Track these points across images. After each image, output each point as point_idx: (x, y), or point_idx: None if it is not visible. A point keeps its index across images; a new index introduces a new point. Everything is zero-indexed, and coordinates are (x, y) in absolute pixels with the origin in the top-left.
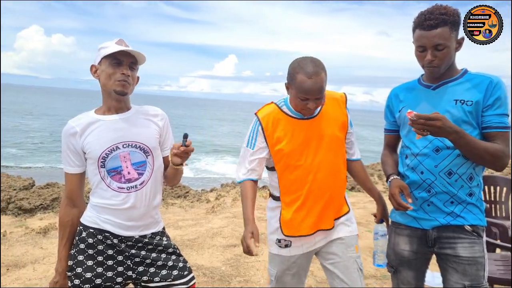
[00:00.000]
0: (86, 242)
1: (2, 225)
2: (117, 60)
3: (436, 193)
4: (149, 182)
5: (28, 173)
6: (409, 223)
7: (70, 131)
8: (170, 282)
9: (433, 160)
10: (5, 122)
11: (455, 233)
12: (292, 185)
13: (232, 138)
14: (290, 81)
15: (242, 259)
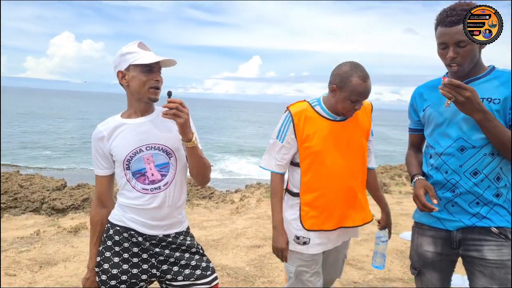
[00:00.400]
0: (113, 240)
1: (37, 224)
2: (149, 67)
3: (460, 194)
4: (173, 183)
5: (61, 174)
6: (432, 224)
7: (98, 135)
8: (193, 281)
9: (458, 159)
10: (38, 125)
11: (481, 235)
12: (315, 183)
13: (256, 139)
14: (341, 83)
15: (266, 260)
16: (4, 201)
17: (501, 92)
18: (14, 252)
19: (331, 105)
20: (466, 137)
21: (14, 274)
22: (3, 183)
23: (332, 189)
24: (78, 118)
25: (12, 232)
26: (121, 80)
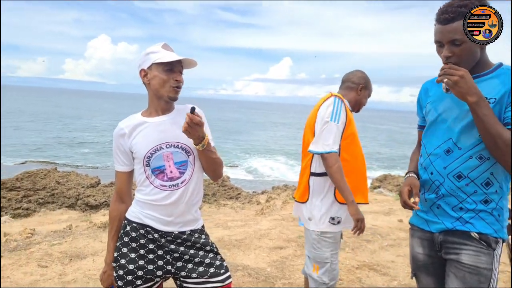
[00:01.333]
0: (129, 236)
1: (70, 219)
2: (170, 66)
3: (443, 196)
4: (190, 181)
5: (95, 172)
6: (420, 225)
7: (119, 132)
8: (207, 279)
9: (443, 161)
10: (76, 124)
11: (461, 239)
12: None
13: (285, 141)
14: (366, 84)
15: (287, 261)
16: (42, 197)
17: (498, 91)
18: (47, 244)
19: (350, 100)
20: (455, 138)
21: (46, 265)
22: (42, 179)
23: (362, 167)
24: (114, 119)
25: (47, 226)
26: (143, 78)
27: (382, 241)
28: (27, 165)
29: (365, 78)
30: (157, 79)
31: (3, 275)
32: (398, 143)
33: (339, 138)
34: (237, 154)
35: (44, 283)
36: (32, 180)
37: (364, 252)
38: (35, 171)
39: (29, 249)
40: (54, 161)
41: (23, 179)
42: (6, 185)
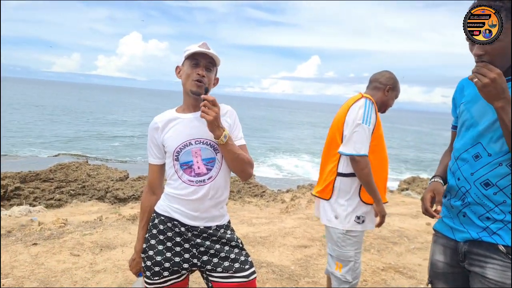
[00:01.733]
0: (157, 228)
1: (100, 211)
2: (196, 61)
3: (469, 204)
4: (217, 178)
5: (124, 166)
6: (445, 232)
7: (153, 126)
8: (231, 273)
9: (471, 166)
10: (107, 118)
11: (486, 251)
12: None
13: (311, 140)
14: (394, 85)
15: (312, 260)
16: (73, 188)
17: None
18: (78, 234)
19: (377, 100)
20: (485, 143)
21: (78, 254)
22: (74, 171)
23: (385, 167)
24: (144, 115)
25: (78, 217)
26: (177, 75)
27: (409, 243)
28: (59, 158)
29: (393, 79)
30: (183, 73)
31: (37, 262)
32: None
33: (369, 140)
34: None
35: (76, 271)
36: (64, 172)
37: (390, 254)
38: (68, 164)
39: (62, 238)
40: (85, 154)
41: (56, 171)
42: (40, 176)
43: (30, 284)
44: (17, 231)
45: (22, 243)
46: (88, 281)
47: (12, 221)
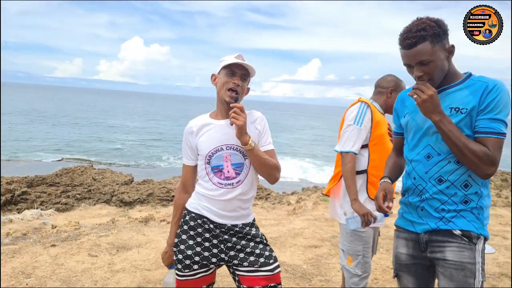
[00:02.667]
0: (188, 224)
1: (110, 214)
2: (232, 71)
3: (426, 199)
4: (245, 181)
5: (128, 170)
6: (406, 226)
7: (189, 130)
8: (257, 268)
9: (424, 166)
10: (109, 123)
11: (444, 237)
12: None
13: (312, 143)
14: (396, 87)
15: (323, 259)
16: (79, 192)
17: (469, 101)
18: (94, 236)
19: (381, 104)
20: (433, 144)
21: (96, 255)
22: (79, 175)
23: None
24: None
25: (90, 220)
26: (212, 82)
27: None
28: (63, 162)
29: (395, 81)
30: (219, 82)
31: (57, 262)
32: None
33: (361, 140)
34: None
35: (95, 270)
36: (70, 177)
37: None
38: (73, 168)
39: (79, 240)
40: (89, 159)
41: (62, 175)
42: (47, 181)
43: (53, 283)
44: (32, 233)
45: (41, 244)
46: (108, 280)
47: (25, 224)
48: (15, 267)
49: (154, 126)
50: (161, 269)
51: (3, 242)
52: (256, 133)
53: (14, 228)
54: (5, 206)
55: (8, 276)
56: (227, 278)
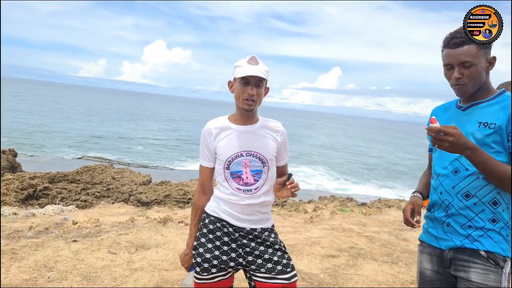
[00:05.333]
0: (207, 228)
1: (128, 213)
2: (246, 80)
3: (452, 215)
4: (263, 187)
5: (145, 171)
6: (430, 242)
7: (208, 132)
8: (274, 275)
9: (451, 181)
10: (131, 123)
11: (469, 257)
12: None
13: (328, 153)
14: None
15: (341, 270)
16: (98, 190)
17: (498, 117)
18: (114, 234)
19: None
20: (462, 160)
21: (115, 253)
22: (99, 174)
23: None
24: (169, 121)
25: (108, 218)
26: (230, 89)
27: None
28: (83, 160)
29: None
30: (236, 91)
31: (78, 258)
32: None
33: None
34: None
35: (114, 268)
36: (90, 174)
37: None
38: (94, 166)
39: (100, 237)
40: (108, 158)
41: (82, 173)
42: (68, 177)
43: (73, 278)
44: (54, 228)
45: (63, 239)
46: (127, 278)
47: (46, 219)
48: (38, 260)
49: (173, 129)
50: (178, 270)
51: (26, 235)
52: (274, 144)
53: (36, 222)
54: (27, 200)
55: (31, 269)
56: (244, 283)
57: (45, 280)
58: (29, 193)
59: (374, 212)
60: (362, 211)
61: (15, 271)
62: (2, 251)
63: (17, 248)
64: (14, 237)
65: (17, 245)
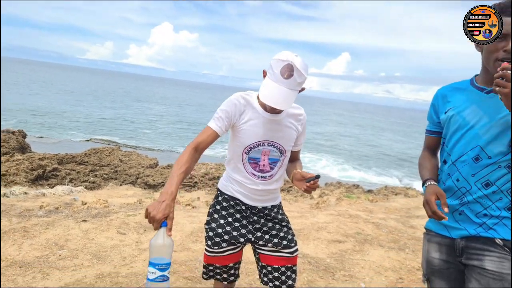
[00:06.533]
0: (221, 205)
1: (136, 195)
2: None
3: (468, 202)
4: (276, 175)
5: (152, 154)
6: (439, 231)
7: (237, 103)
8: (279, 249)
9: (471, 168)
10: (138, 106)
11: (484, 245)
12: None
13: (335, 138)
14: None
15: (347, 255)
16: (106, 172)
17: None
18: (123, 215)
19: None
20: (484, 146)
21: (124, 233)
22: (107, 156)
23: None
24: (175, 104)
25: (116, 199)
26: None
27: None
28: (90, 143)
29: None
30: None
31: (88, 237)
32: None
33: None
34: None
35: (123, 247)
36: (98, 157)
37: None
38: (101, 149)
39: (109, 217)
40: (115, 140)
41: (90, 155)
42: (76, 159)
43: (84, 256)
44: (64, 208)
45: (73, 219)
46: (136, 257)
47: (56, 199)
48: (49, 238)
49: (181, 112)
50: (186, 251)
51: (37, 214)
52: (295, 133)
53: (46, 201)
54: (36, 180)
55: (42, 246)
56: (245, 278)
57: (56, 258)
58: (38, 173)
59: (381, 199)
60: (369, 198)
61: (27, 248)
62: (14, 229)
63: (28, 226)
64: (26, 216)
65: (28, 224)
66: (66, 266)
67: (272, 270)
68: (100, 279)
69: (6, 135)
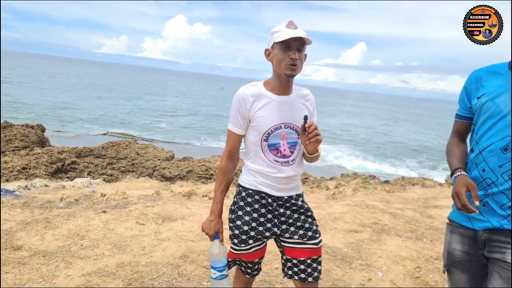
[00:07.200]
0: (245, 201)
1: (153, 187)
2: (287, 44)
3: (493, 194)
4: (297, 158)
5: (167, 147)
6: (462, 222)
7: (243, 97)
8: (305, 241)
9: (499, 159)
10: (155, 100)
11: (507, 238)
12: None
13: (353, 130)
14: None
15: (364, 244)
16: (123, 165)
17: None
18: (141, 206)
19: None
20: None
21: (143, 223)
22: (124, 149)
23: None
24: (187, 98)
25: (134, 191)
26: (267, 57)
27: None
28: (107, 136)
29: None
30: (275, 58)
31: (108, 227)
32: None
33: None
34: None
35: (143, 238)
36: (115, 150)
37: (442, 244)
38: (118, 142)
39: (128, 208)
40: (132, 134)
41: (107, 148)
42: (94, 152)
43: (105, 246)
44: (83, 200)
45: (93, 210)
46: (155, 247)
47: (76, 191)
48: (70, 229)
49: (194, 104)
50: (204, 241)
51: (58, 206)
52: (306, 111)
53: (67, 193)
54: (56, 173)
55: (64, 237)
56: (259, 277)
57: (78, 247)
58: (58, 166)
59: (398, 190)
60: (385, 189)
61: (50, 238)
62: (36, 220)
63: (50, 218)
64: (47, 207)
65: (50, 215)
66: (87, 255)
67: (298, 263)
68: (121, 267)
69: (25, 129)
